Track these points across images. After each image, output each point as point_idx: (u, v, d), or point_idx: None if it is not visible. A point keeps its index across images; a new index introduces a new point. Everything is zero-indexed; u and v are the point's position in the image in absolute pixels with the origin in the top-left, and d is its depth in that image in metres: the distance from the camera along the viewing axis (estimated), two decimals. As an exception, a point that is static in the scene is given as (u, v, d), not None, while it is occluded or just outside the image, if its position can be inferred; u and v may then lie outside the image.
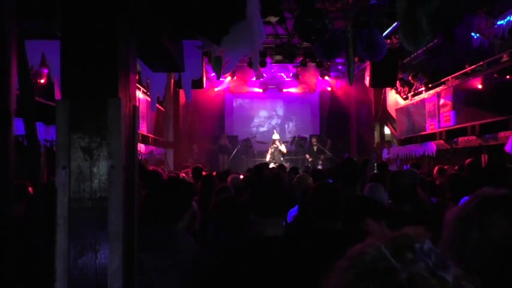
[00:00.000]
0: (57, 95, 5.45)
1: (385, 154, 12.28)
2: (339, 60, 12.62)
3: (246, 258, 1.75)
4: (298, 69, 14.81)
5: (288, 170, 7.35)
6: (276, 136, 13.81)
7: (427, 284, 0.58)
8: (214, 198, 2.91)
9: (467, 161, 4.98)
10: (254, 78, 15.53)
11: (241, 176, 5.54)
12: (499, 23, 8.79)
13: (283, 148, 13.45)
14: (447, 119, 8.62)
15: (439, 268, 0.60)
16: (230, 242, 2.35)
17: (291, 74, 15.65)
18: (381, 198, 3.24)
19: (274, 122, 17.11)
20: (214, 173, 6.52)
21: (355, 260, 0.63)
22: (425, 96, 9.83)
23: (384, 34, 8.80)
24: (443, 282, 0.59)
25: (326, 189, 2.22)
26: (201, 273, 1.83)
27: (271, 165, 11.51)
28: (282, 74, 15.88)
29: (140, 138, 9.20)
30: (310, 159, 14.19)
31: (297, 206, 3.47)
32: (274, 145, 13.49)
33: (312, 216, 2.20)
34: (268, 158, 13.39)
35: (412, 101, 10.78)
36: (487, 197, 1.07)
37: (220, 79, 13.51)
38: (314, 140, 14.89)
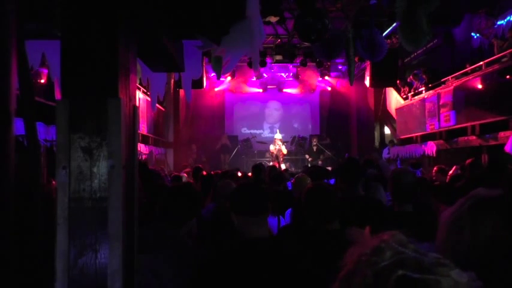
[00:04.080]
0: (57, 95, 5.45)
1: (385, 154, 12.29)
2: (339, 60, 12.62)
3: (229, 259, 1.75)
4: (298, 69, 14.81)
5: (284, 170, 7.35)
6: (278, 135, 13.79)
7: (449, 264, 0.67)
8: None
9: (468, 161, 4.97)
10: (254, 78, 15.54)
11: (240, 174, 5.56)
12: (499, 23, 8.79)
13: (283, 149, 13.44)
14: (447, 119, 8.62)
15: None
16: (219, 242, 2.35)
17: (291, 74, 15.65)
18: (381, 198, 3.23)
19: (274, 122, 17.10)
20: (212, 173, 6.53)
21: (375, 255, 0.69)
22: (425, 96, 9.83)
23: (384, 34, 8.80)
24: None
25: (319, 190, 2.22)
26: (193, 274, 1.82)
27: (270, 164, 11.51)
28: (282, 74, 15.88)
29: (140, 138, 9.20)
30: (310, 159, 14.19)
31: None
32: (277, 145, 13.48)
33: (307, 217, 2.21)
34: (271, 149, 13.41)
35: (412, 101, 10.78)
36: (480, 198, 1.09)
37: (220, 79, 13.51)
38: (314, 140, 14.89)
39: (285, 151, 13.45)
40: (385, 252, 0.68)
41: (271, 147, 13.53)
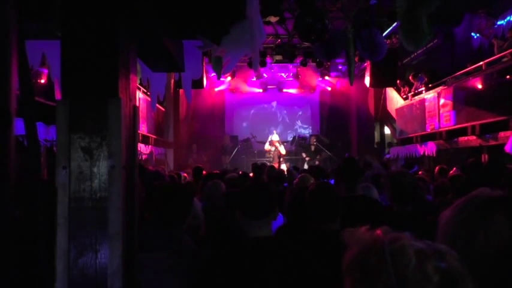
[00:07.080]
0: (57, 95, 5.45)
1: (386, 155, 12.30)
2: (339, 60, 12.61)
3: (231, 259, 1.75)
4: (298, 69, 14.81)
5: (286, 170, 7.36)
6: (275, 137, 13.78)
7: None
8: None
9: (469, 160, 4.97)
10: (254, 78, 15.52)
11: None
12: (499, 23, 8.79)
13: (282, 149, 13.43)
14: (447, 119, 8.62)
15: None
16: (219, 242, 2.34)
17: (291, 74, 15.64)
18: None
19: (274, 122, 17.09)
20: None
21: (400, 256, 0.74)
22: (425, 96, 9.83)
23: (384, 34, 8.79)
24: None
25: (322, 190, 2.22)
26: (194, 274, 1.82)
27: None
28: (282, 74, 15.87)
29: (140, 138, 9.20)
30: (307, 158, 14.19)
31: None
32: (274, 146, 13.47)
33: (309, 217, 2.20)
34: (266, 148, 13.45)
35: (412, 101, 10.78)
36: (489, 198, 1.02)
37: (220, 79, 13.51)
38: (313, 139, 14.91)
39: (283, 151, 13.43)
40: (407, 250, 0.72)
41: (267, 146, 13.54)
